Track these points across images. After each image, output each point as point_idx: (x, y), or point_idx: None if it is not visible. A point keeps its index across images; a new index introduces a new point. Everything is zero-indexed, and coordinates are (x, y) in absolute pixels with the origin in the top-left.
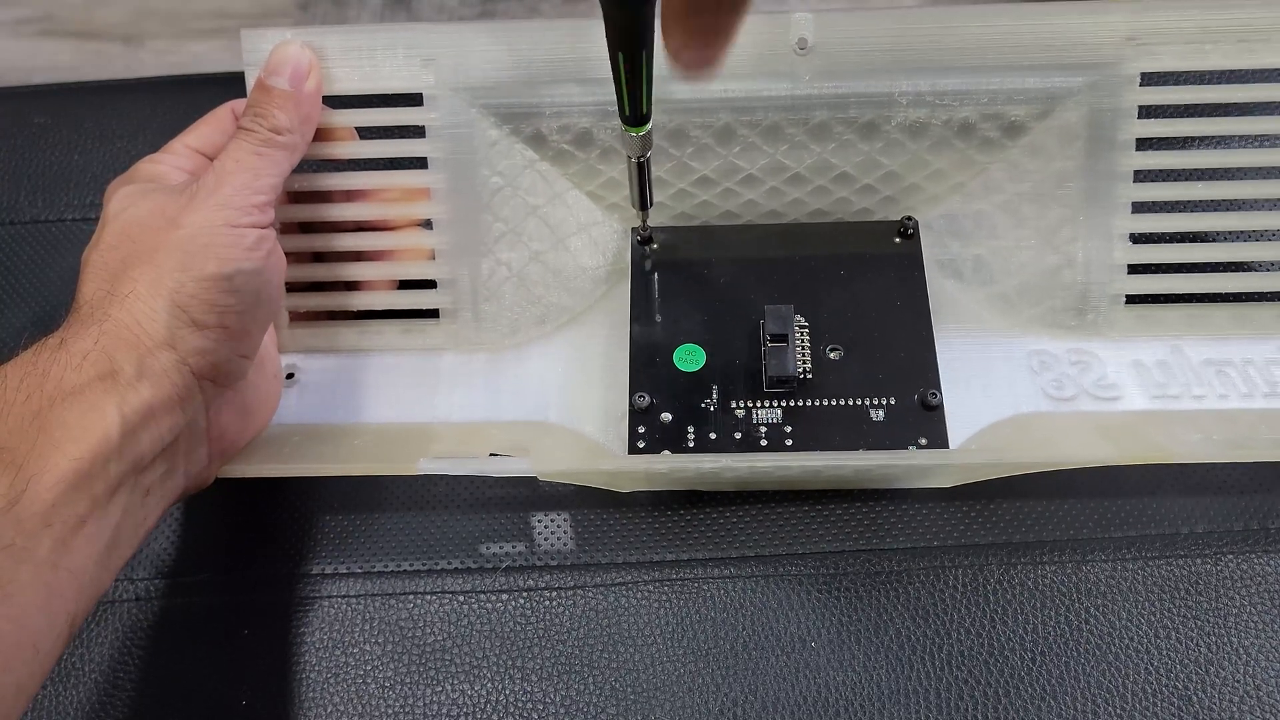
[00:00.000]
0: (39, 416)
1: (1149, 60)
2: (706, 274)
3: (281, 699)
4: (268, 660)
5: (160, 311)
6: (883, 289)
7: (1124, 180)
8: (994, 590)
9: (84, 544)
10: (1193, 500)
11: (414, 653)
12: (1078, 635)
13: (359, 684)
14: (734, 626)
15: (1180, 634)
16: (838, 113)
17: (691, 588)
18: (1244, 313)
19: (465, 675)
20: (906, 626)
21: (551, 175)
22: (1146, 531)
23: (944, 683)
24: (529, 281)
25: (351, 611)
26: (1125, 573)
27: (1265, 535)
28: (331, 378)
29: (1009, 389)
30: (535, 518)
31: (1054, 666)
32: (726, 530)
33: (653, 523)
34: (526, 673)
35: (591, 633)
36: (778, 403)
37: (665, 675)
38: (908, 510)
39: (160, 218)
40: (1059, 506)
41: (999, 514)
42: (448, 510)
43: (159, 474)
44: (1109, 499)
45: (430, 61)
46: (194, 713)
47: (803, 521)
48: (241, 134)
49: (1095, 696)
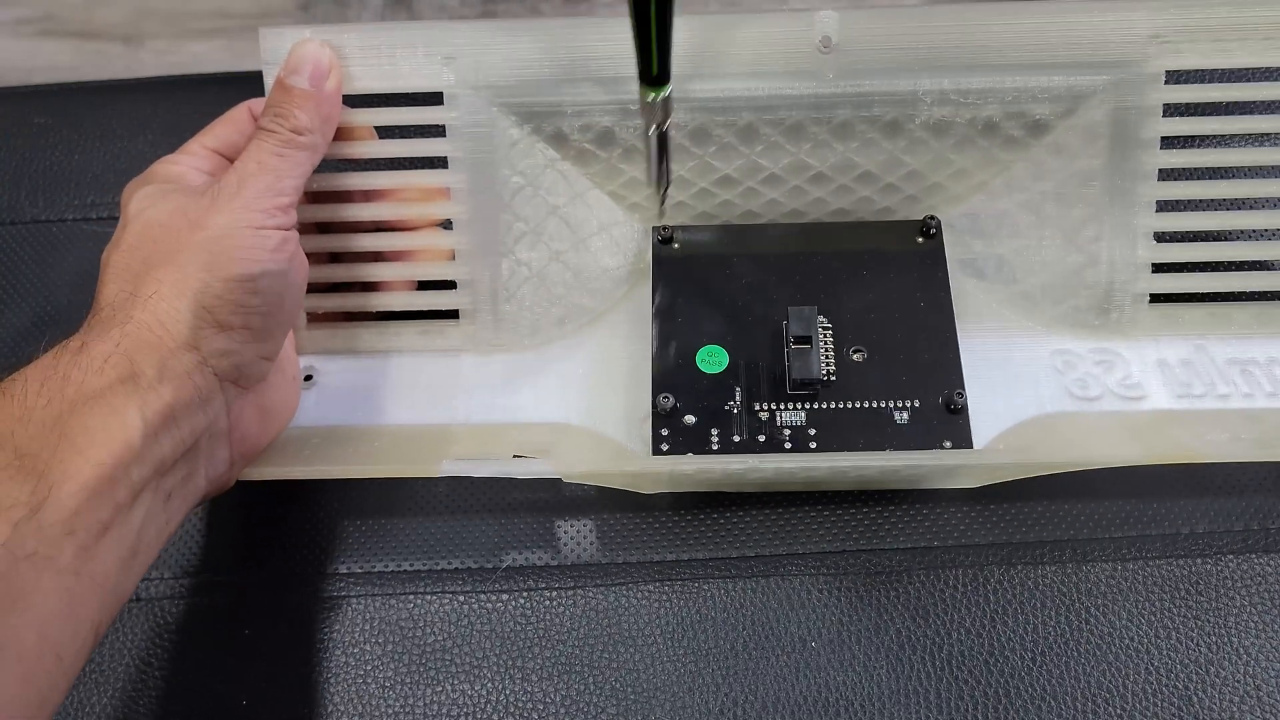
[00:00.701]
0: (60, 421)
1: (1173, 58)
2: (728, 274)
3: (281, 699)
4: (268, 660)
5: (184, 312)
6: (905, 289)
7: (1148, 179)
8: (994, 590)
9: (107, 550)
10: (1193, 500)
11: (414, 653)
12: (1078, 635)
13: (359, 684)
14: (734, 626)
15: (1180, 634)
16: (861, 111)
17: (691, 588)
18: (1268, 311)
19: (465, 675)
20: (906, 626)
21: (572, 175)
22: (1146, 531)
23: (944, 683)
24: (549, 282)
25: (351, 611)
26: (1125, 573)
27: (1265, 535)
28: (350, 380)
29: (1033, 389)
30: (536, 519)
31: (1054, 667)
32: (726, 530)
33: (653, 523)
34: (526, 673)
35: (591, 633)
36: (801, 405)
37: (665, 675)
38: (908, 511)
39: (182, 219)
40: (1059, 506)
41: (999, 514)
42: (448, 511)
43: (180, 477)
44: (1109, 499)
45: (451, 60)
46: (194, 713)
47: (803, 522)
48: (262, 135)
49: (1095, 697)
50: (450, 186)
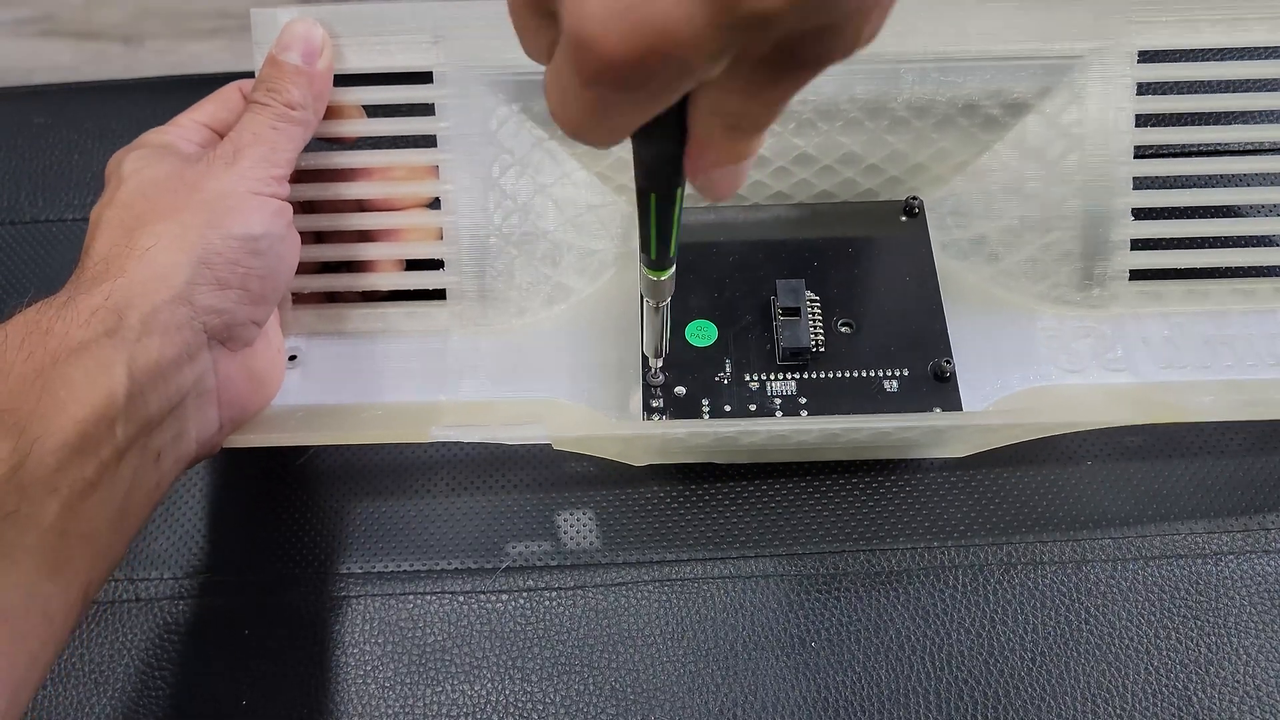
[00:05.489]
0: (41, 375)
1: (1146, 37)
2: (716, 255)
3: (281, 699)
4: (268, 660)
5: (183, 266)
6: (890, 265)
7: (1124, 156)
8: (994, 591)
9: (94, 509)
10: (1193, 500)
11: (414, 653)
12: (1078, 635)
13: (359, 684)
14: (734, 626)
15: (1180, 634)
16: (845, 91)
17: (691, 588)
18: (1246, 286)
19: (465, 675)
20: (906, 626)
21: (560, 154)
22: (1146, 532)
23: (944, 683)
24: (537, 261)
25: (351, 611)
26: (1125, 573)
27: (1265, 535)
28: (335, 361)
29: (1019, 364)
30: (537, 520)
31: (1054, 667)
32: (726, 530)
33: (653, 523)
34: (526, 673)
35: (591, 633)
36: (791, 375)
37: (665, 675)
38: (909, 510)
39: (179, 181)
40: (1059, 506)
41: (999, 514)
42: (448, 511)
43: (170, 436)
44: (1109, 499)
45: (440, 38)
46: (194, 713)
47: (803, 522)
48: (255, 108)
49: (1095, 696)
50: (438, 164)
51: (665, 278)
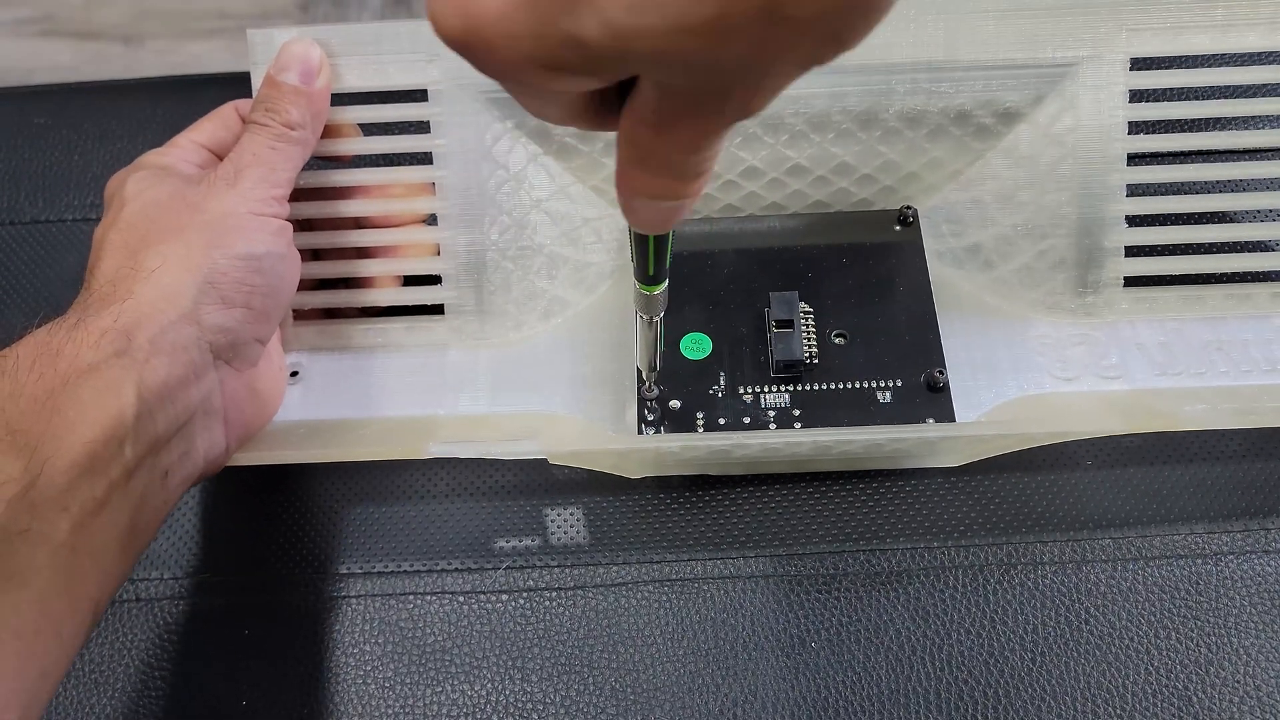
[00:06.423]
0: (52, 396)
1: (1138, 44)
2: (710, 266)
3: (281, 699)
4: (268, 660)
5: (189, 287)
6: (884, 275)
7: (1118, 163)
8: (994, 591)
9: (104, 527)
10: (1192, 501)
11: (414, 653)
12: (1078, 636)
13: (359, 684)
14: (734, 627)
15: (1180, 634)
16: (837, 102)
17: (691, 588)
18: (1241, 292)
19: (465, 675)
20: (906, 627)
21: (555, 169)
22: (1146, 532)
23: (944, 683)
24: (534, 275)
25: (351, 611)
26: (1125, 573)
27: (1265, 535)
28: (335, 376)
29: (1013, 372)
30: (537, 519)
31: (1054, 667)
32: (726, 531)
33: (653, 524)
34: (526, 673)
35: (591, 633)
36: (785, 387)
37: (665, 675)
38: (909, 511)
39: (181, 202)
40: (1059, 507)
41: (999, 514)
42: (448, 511)
43: (177, 454)
44: (1109, 499)
45: (435, 57)
46: (194, 713)
47: (802, 522)
48: (254, 128)
49: (1095, 697)
50: (435, 182)
51: (658, 293)
